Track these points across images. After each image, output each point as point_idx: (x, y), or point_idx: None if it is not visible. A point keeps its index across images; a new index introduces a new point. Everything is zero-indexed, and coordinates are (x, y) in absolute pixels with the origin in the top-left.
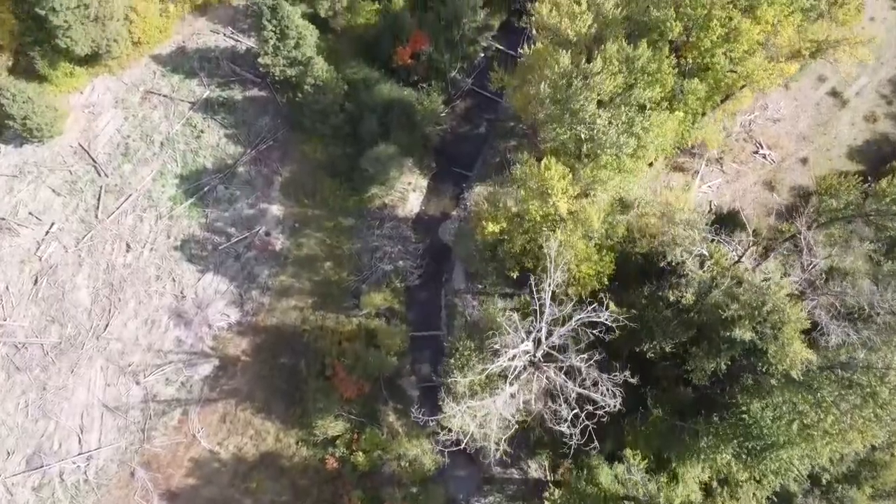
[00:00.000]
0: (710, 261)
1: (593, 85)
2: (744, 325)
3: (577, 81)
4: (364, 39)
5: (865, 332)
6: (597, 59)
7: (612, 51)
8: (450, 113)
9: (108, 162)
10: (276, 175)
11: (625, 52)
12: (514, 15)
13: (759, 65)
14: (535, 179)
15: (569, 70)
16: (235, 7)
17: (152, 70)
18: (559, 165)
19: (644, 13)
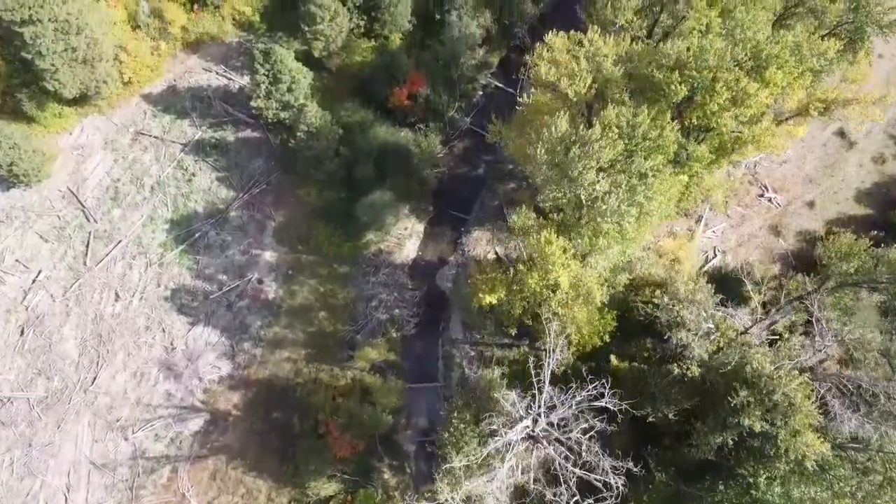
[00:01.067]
0: (717, 333)
1: (592, 153)
2: (753, 415)
3: (576, 149)
4: (360, 78)
5: (882, 427)
6: (596, 126)
7: (612, 116)
8: (447, 154)
9: (97, 206)
10: (269, 220)
11: (625, 117)
12: (514, 51)
13: (768, 129)
14: (534, 249)
15: (566, 135)
16: (228, 44)
17: (143, 110)
18: (559, 239)
19: (646, 70)
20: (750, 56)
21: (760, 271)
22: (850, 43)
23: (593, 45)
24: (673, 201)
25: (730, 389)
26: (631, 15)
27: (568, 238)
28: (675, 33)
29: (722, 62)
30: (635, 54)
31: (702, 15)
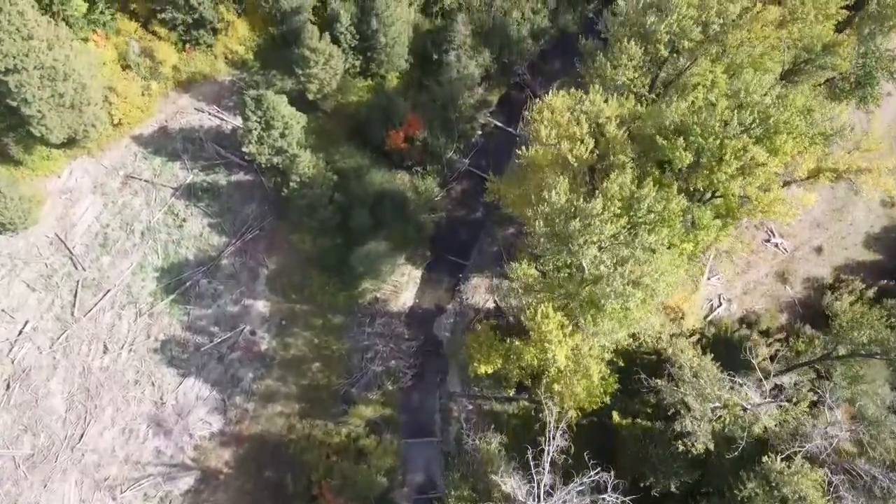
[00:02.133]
0: (724, 410)
1: (594, 228)
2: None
3: (576, 222)
4: (356, 119)
5: None
6: (598, 199)
7: (615, 189)
8: (445, 196)
9: (85, 254)
10: (262, 267)
11: (628, 188)
12: (514, 88)
13: (778, 198)
14: (532, 325)
15: (566, 207)
16: (221, 83)
17: (133, 152)
18: (557, 315)
19: (650, 131)
20: (758, 122)
21: (767, 321)
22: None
23: (595, 105)
24: (681, 272)
25: (736, 468)
26: (632, 73)
27: (567, 314)
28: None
29: (729, 127)
30: (639, 115)
31: (706, 70)
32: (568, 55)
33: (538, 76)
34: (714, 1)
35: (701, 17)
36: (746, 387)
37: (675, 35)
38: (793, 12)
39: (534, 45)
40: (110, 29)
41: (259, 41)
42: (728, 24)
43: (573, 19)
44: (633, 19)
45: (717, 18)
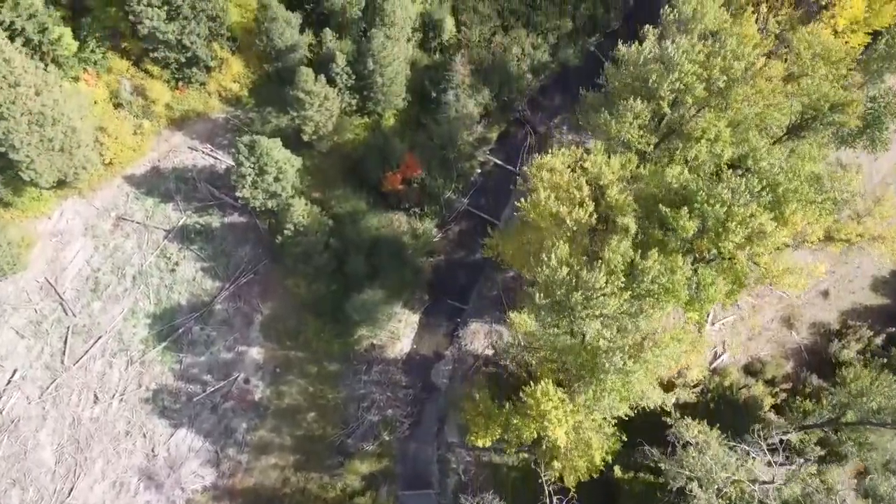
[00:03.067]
0: (731, 479)
1: (596, 302)
2: None
3: (577, 295)
4: (352, 158)
5: None
6: (599, 273)
7: (617, 261)
8: (443, 237)
9: (76, 299)
10: (256, 313)
11: (630, 257)
12: (514, 124)
13: (787, 269)
14: (530, 402)
15: (566, 280)
16: (214, 121)
17: (125, 192)
18: (557, 392)
19: (655, 190)
20: (767, 190)
21: (772, 369)
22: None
23: (596, 166)
24: (686, 344)
25: None
26: (637, 132)
27: (568, 389)
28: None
29: (736, 195)
30: (642, 177)
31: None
32: (569, 90)
33: (538, 111)
34: (719, 58)
35: (704, 73)
36: (753, 457)
37: (677, 92)
38: (801, 68)
39: (534, 80)
40: (101, 67)
41: (254, 78)
42: (733, 81)
43: (574, 53)
44: (635, 74)
45: (722, 75)
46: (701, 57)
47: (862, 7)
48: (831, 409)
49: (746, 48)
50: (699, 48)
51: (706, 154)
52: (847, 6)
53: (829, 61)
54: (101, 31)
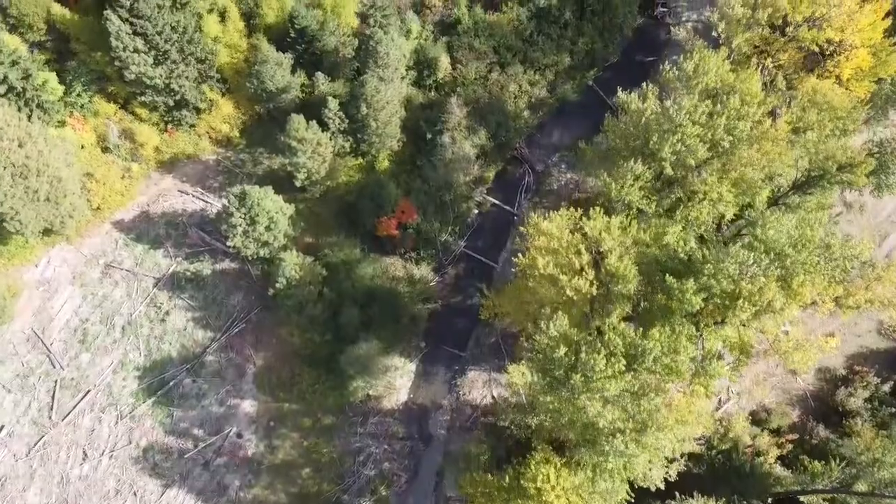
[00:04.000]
0: None
1: (596, 385)
2: None
3: (577, 377)
4: (345, 201)
5: None
6: (598, 353)
7: (618, 343)
8: (440, 281)
9: (64, 351)
10: (249, 363)
11: (631, 338)
12: (511, 163)
13: (796, 345)
14: (531, 487)
15: (564, 361)
16: (205, 163)
17: (114, 238)
18: (555, 470)
19: (657, 252)
20: (775, 263)
21: (777, 418)
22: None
23: (595, 230)
24: (689, 427)
25: None
26: (639, 194)
27: (569, 458)
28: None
29: (744, 267)
30: (645, 242)
31: (713, 186)
32: (567, 126)
33: (536, 148)
34: (722, 118)
35: (707, 134)
36: None
37: (679, 153)
38: (806, 123)
39: (532, 117)
40: (88, 111)
41: (245, 119)
42: (737, 141)
43: (572, 88)
44: (635, 134)
45: (726, 135)
46: (703, 118)
47: (868, 58)
48: (841, 475)
49: (751, 108)
50: (701, 108)
51: (708, 215)
52: (852, 56)
53: (836, 117)
54: (88, 75)
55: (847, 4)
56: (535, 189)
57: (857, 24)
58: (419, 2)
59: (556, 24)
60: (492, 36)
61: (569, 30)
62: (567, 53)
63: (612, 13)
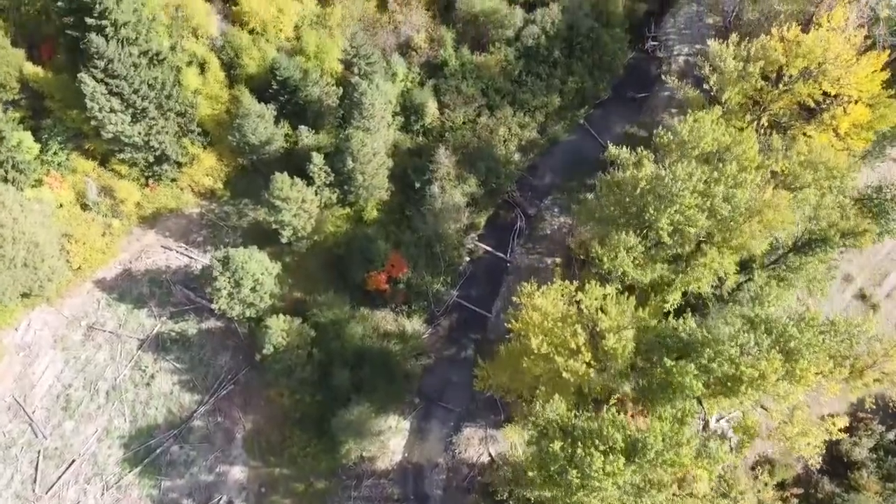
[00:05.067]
0: None
1: (594, 482)
2: None
3: (573, 473)
4: (334, 253)
5: None
6: (596, 450)
7: (618, 440)
8: (433, 333)
9: (46, 419)
10: (238, 427)
11: (631, 433)
12: (503, 207)
13: (802, 430)
14: None
15: (560, 457)
16: (189, 216)
17: (96, 298)
18: None
19: (655, 335)
20: (778, 346)
21: (781, 471)
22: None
23: (590, 307)
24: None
25: None
26: (632, 266)
27: None
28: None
29: (745, 350)
30: (644, 323)
31: (713, 258)
32: (559, 166)
33: (528, 191)
34: (720, 186)
35: (706, 203)
36: None
37: (677, 224)
38: (803, 183)
39: (522, 159)
40: (65, 169)
41: (228, 170)
42: (736, 210)
43: (563, 127)
44: (629, 202)
45: (725, 204)
46: (701, 186)
47: (866, 112)
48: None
49: (749, 175)
50: (698, 175)
51: (707, 284)
52: (850, 111)
53: (832, 177)
54: (64, 133)
55: (844, 56)
56: (528, 234)
57: (855, 76)
58: (404, 43)
59: (545, 63)
60: (479, 78)
61: (558, 69)
62: (557, 94)
63: (601, 51)
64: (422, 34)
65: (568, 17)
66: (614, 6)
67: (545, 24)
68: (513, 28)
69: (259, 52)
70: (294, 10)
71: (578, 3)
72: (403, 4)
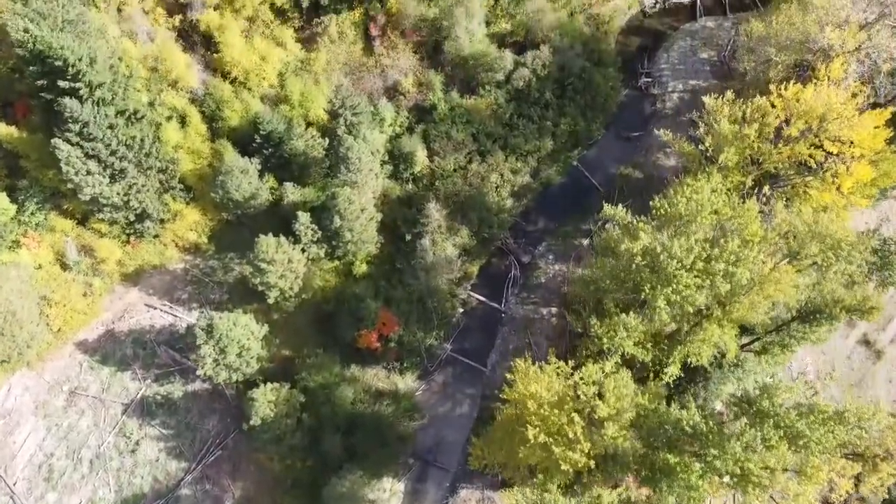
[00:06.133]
0: None
1: None
2: None
3: None
4: (323, 308)
5: None
6: None
7: None
8: (426, 389)
9: (28, 491)
10: (227, 495)
11: None
12: (496, 254)
13: None
14: None
15: None
16: (172, 272)
17: (78, 361)
18: None
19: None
20: (786, 441)
21: None
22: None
23: (588, 393)
24: None
25: None
26: (632, 346)
27: None
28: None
29: (750, 448)
30: (644, 411)
31: (713, 333)
32: (552, 211)
33: (521, 237)
34: (721, 262)
35: (706, 281)
36: None
37: (674, 305)
38: (809, 255)
39: (515, 205)
40: (43, 228)
41: (212, 224)
42: (737, 288)
43: (556, 170)
44: (625, 278)
45: (725, 282)
46: (700, 264)
47: (868, 170)
48: None
49: (752, 252)
50: (696, 251)
51: (707, 359)
52: (853, 170)
53: (837, 247)
54: (41, 193)
55: (845, 115)
56: (523, 283)
57: (857, 134)
58: (392, 87)
59: (536, 104)
60: (470, 122)
61: (550, 110)
62: (549, 136)
63: (594, 91)
64: (410, 78)
65: (559, 58)
66: (606, 44)
67: (536, 66)
68: (503, 71)
69: (241, 104)
70: (277, 57)
71: (569, 43)
72: (390, 48)
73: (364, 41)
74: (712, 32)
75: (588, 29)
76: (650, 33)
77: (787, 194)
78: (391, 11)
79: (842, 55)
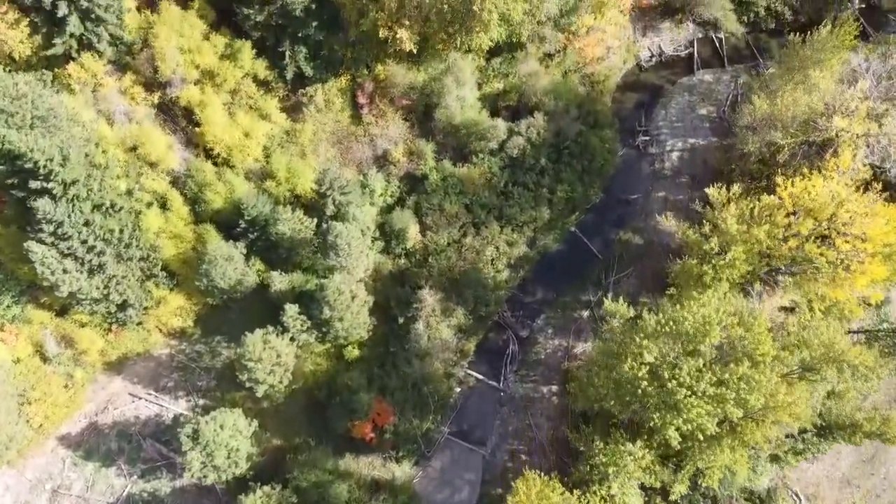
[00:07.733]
0: None
1: None
2: None
3: None
4: (314, 395)
5: None
6: None
7: None
8: (423, 475)
9: None
10: None
11: None
12: (493, 329)
13: None
14: None
15: None
16: (157, 358)
17: (60, 457)
18: None
19: None
20: None
21: None
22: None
23: None
24: None
25: None
26: (640, 474)
27: None
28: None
29: None
30: None
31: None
32: (550, 280)
33: (519, 310)
34: (731, 390)
35: (716, 409)
36: None
37: (686, 434)
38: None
39: (512, 277)
40: (20, 321)
41: (198, 308)
42: (750, 414)
43: (553, 238)
44: (632, 400)
45: (736, 408)
46: (711, 390)
47: (883, 270)
48: None
49: (763, 376)
50: (707, 377)
51: (717, 481)
52: (866, 269)
53: (854, 370)
54: (17, 287)
55: (857, 212)
56: (521, 359)
57: (870, 230)
58: (382, 156)
59: (531, 171)
60: (463, 192)
61: (546, 177)
62: (546, 204)
63: (590, 154)
64: (400, 147)
65: (554, 124)
66: (602, 104)
67: (531, 134)
68: (496, 139)
69: (224, 186)
70: (262, 131)
71: (564, 107)
72: (379, 115)
73: (352, 109)
74: (710, 87)
75: (583, 89)
76: (647, 88)
77: (798, 282)
78: (379, 78)
79: (849, 141)
